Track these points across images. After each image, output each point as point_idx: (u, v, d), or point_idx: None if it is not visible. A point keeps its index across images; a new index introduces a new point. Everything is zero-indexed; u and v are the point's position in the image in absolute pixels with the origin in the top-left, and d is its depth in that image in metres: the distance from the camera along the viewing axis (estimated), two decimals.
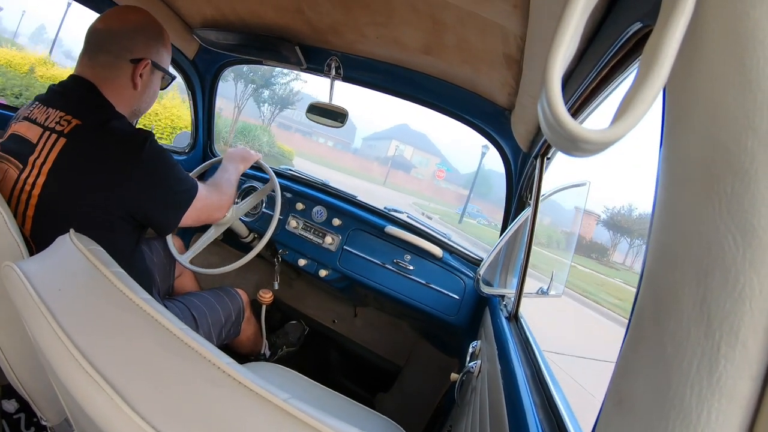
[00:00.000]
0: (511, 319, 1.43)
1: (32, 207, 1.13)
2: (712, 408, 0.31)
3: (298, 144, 49.28)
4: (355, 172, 47.41)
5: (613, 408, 0.41)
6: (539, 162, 1.39)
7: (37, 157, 1.13)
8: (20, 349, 0.96)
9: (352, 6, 1.39)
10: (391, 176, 52.95)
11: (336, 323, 2.65)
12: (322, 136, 59.84)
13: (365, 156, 64.49)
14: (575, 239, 1.97)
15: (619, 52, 0.68)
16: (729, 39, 0.32)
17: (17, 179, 1.15)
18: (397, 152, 60.49)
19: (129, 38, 1.26)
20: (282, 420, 0.49)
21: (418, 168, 61.59)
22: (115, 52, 1.25)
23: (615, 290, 17.52)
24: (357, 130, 68.03)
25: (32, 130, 1.17)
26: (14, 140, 1.20)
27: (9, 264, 0.67)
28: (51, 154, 1.12)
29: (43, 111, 1.19)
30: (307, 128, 56.70)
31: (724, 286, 0.31)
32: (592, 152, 0.36)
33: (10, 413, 1.52)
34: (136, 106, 1.34)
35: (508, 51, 1.22)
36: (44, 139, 1.14)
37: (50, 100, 1.22)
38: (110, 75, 1.25)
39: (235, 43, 1.90)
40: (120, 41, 1.25)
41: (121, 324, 0.58)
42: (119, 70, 1.26)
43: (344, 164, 52.05)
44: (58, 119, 1.16)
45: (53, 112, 1.17)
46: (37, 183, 1.12)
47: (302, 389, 1.53)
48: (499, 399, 0.99)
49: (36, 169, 1.13)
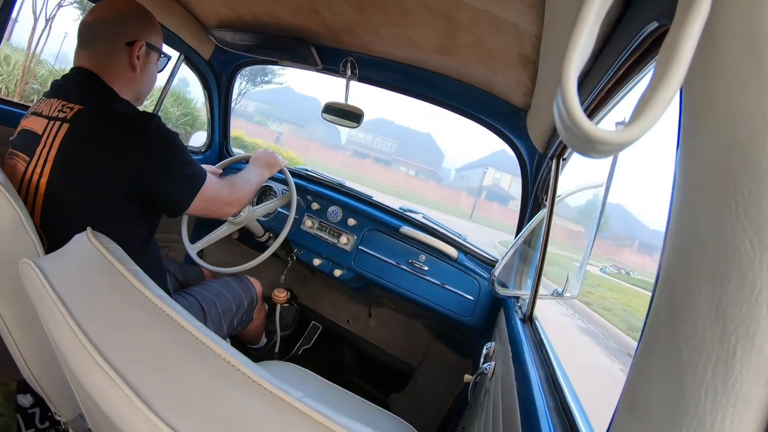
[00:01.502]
0: (525, 321, 1.42)
1: (41, 195, 1.15)
2: (727, 413, 0.31)
3: (369, 170, 46.09)
4: (435, 203, 39.44)
5: (627, 412, 0.41)
6: (555, 163, 1.38)
7: (43, 147, 1.16)
8: (36, 345, 0.97)
9: (366, 6, 1.39)
10: (483, 208, 45.13)
11: (350, 323, 2.65)
12: (404, 165, 54.28)
13: (455, 186, 56.62)
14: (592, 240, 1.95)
15: (635, 51, 0.67)
16: (746, 37, 0.31)
17: (25, 171, 1.18)
18: (493, 181, 52.27)
19: (121, 23, 1.29)
20: (295, 419, 0.49)
21: (518, 200, 51.48)
22: (110, 39, 1.27)
23: None
24: (445, 158, 61.24)
25: (38, 123, 1.20)
26: (23, 135, 1.23)
27: (26, 261, 0.68)
28: (56, 141, 1.15)
29: (47, 104, 1.22)
30: (386, 156, 53.95)
31: (740, 290, 0.31)
32: (608, 153, 0.36)
33: (26, 408, 1.55)
34: (137, 89, 1.36)
35: (523, 50, 1.21)
36: (49, 128, 1.17)
37: (53, 92, 1.25)
38: (109, 62, 1.27)
39: (251, 43, 1.92)
40: (113, 28, 1.28)
41: (137, 321, 0.59)
42: (116, 55, 1.28)
43: (425, 194, 44.69)
44: (61, 107, 1.18)
45: (55, 102, 1.20)
46: (44, 171, 1.15)
47: (316, 388, 1.53)
48: (512, 401, 0.99)
49: (42, 158, 1.15)
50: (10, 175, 1.22)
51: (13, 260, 0.89)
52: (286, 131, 50.60)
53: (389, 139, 56.62)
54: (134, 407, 0.47)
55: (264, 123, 49.88)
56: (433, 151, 58.03)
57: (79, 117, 1.16)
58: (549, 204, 1.42)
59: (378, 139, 54.93)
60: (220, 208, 1.48)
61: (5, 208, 0.97)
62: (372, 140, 54.78)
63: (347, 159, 48.75)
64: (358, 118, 1.98)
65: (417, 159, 54.71)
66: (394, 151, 55.70)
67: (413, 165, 54.53)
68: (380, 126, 58.25)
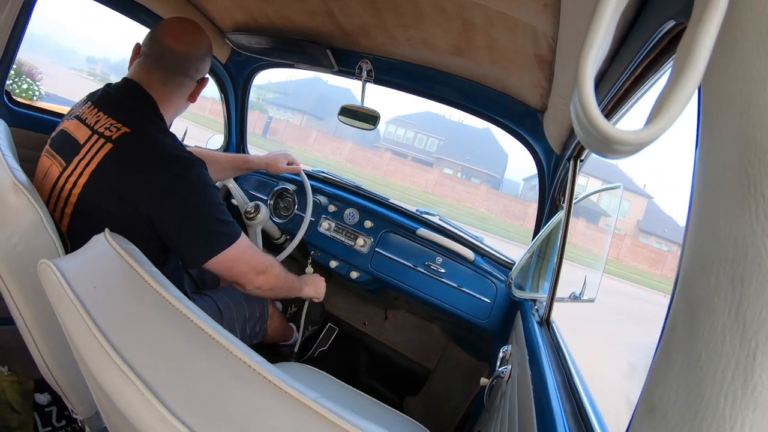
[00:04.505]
0: (542, 324, 1.41)
1: (71, 205, 1.17)
2: (746, 419, 0.30)
3: (409, 174, 37.61)
4: (489, 217, 32.95)
5: (645, 416, 0.40)
6: (572, 164, 1.36)
7: (82, 158, 1.17)
8: (53, 344, 0.99)
9: (381, 8, 1.39)
10: None
11: (366, 325, 2.65)
12: (451, 167, 43.36)
13: (524, 197, 42.16)
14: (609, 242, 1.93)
15: (652, 51, 0.66)
16: (765, 35, 0.31)
17: (59, 177, 1.19)
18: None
19: (202, 61, 1.35)
20: (310, 419, 0.49)
21: (610, 218, 30.41)
22: (191, 74, 1.34)
23: None
24: (509, 157, 47.95)
25: (81, 131, 1.21)
26: (63, 137, 1.24)
27: (45, 261, 0.70)
28: (96, 157, 1.15)
29: (94, 113, 1.23)
30: (427, 157, 44.13)
31: (760, 293, 0.30)
32: (626, 154, 0.35)
33: (43, 406, 1.59)
34: (175, 112, 1.39)
35: (539, 51, 1.20)
36: (92, 141, 1.17)
37: (103, 104, 1.25)
38: (178, 92, 1.32)
39: (266, 46, 1.94)
40: (196, 64, 1.33)
41: (154, 321, 0.60)
42: (187, 88, 1.34)
43: (475, 206, 35.65)
44: (109, 125, 1.19)
45: (104, 118, 1.20)
46: (78, 182, 1.16)
47: (331, 390, 1.54)
48: (528, 405, 0.98)
49: (80, 168, 1.16)
50: (43, 174, 1.25)
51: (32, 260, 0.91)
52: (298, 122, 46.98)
53: (434, 136, 46.35)
54: (149, 405, 0.48)
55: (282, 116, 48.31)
56: (493, 151, 45.90)
57: (124, 140, 1.16)
58: (566, 206, 1.40)
59: (421, 136, 45.90)
60: (246, 273, 1.35)
61: (27, 209, 0.99)
62: (414, 137, 46.71)
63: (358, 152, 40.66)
64: (375, 120, 1.98)
65: (470, 160, 43.99)
66: (437, 150, 45.56)
67: (466, 168, 44.39)
68: (425, 121, 47.06)
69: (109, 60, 67.07)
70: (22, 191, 1.00)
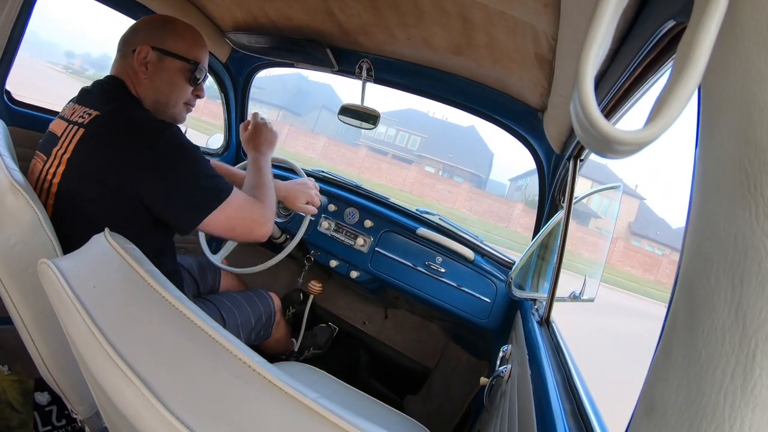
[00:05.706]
0: (542, 324, 1.41)
1: (52, 195, 1.18)
2: (746, 418, 0.30)
3: (385, 171, 36.13)
4: (469, 218, 31.73)
5: (644, 415, 0.40)
6: (572, 164, 1.36)
7: (59, 148, 1.18)
8: (53, 345, 0.99)
9: (381, 7, 1.39)
10: None
11: (366, 324, 2.66)
12: (432, 165, 41.93)
13: (510, 197, 42.36)
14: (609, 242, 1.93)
15: (652, 50, 0.66)
16: (765, 35, 0.31)
17: (41, 170, 1.21)
18: None
19: (134, 34, 1.34)
20: (310, 419, 0.49)
21: (601, 219, 31.68)
22: (120, 48, 1.34)
23: None
24: (494, 156, 47.08)
25: (60, 126, 1.24)
26: (47, 137, 1.27)
27: (45, 261, 0.70)
28: (71, 144, 1.17)
29: (72, 108, 1.26)
30: (408, 154, 42.78)
31: (760, 292, 0.30)
32: (626, 154, 0.35)
33: (43, 405, 1.59)
34: (153, 96, 1.34)
35: (539, 50, 1.20)
36: (67, 131, 1.19)
37: (82, 98, 1.30)
38: (127, 69, 1.32)
39: (266, 46, 1.94)
40: (128, 38, 1.34)
41: (153, 320, 0.60)
42: (128, 62, 1.32)
43: (456, 206, 34.42)
44: (82, 113, 1.21)
45: (80, 109, 1.24)
46: (57, 172, 1.17)
47: (331, 389, 1.54)
48: (528, 404, 0.98)
49: (57, 159, 1.18)
50: (30, 173, 1.26)
51: (31, 260, 0.91)
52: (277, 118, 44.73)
53: (417, 134, 45.14)
54: (149, 405, 0.48)
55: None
56: (478, 149, 45.18)
57: (95, 122, 1.18)
58: (566, 205, 1.40)
59: (403, 133, 44.47)
60: (251, 230, 1.31)
61: (24, 208, 0.99)
62: (396, 135, 45.19)
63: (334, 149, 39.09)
64: (375, 120, 1.99)
65: (453, 158, 42.89)
66: (419, 147, 44.48)
67: (444, 164, 42.96)
68: (408, 118, 46.16)
69: (90, 54, 66.99)
70: (20, 192, 1.00)
